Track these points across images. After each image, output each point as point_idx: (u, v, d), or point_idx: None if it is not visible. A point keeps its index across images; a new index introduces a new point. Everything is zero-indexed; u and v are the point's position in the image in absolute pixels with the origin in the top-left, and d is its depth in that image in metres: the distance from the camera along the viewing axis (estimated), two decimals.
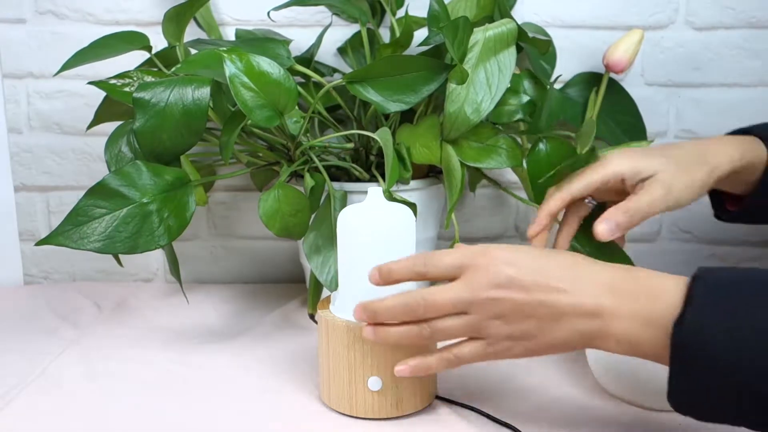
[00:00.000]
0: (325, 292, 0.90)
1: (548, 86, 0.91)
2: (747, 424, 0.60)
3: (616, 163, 0.78)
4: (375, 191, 0.71)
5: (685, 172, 0.76)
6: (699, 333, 0.58)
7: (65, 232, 0.78)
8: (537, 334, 0.63)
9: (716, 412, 0.60)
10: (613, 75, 1.02)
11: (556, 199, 0.80)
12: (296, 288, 1.09)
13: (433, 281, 0.68)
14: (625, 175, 0.77)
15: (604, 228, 0.74)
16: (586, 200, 0.82)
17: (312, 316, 0.93)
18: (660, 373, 0.71)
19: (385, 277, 0.67)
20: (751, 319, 0.57)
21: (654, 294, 0.61)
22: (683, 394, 0.61)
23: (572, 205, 0.82)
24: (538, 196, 0.89)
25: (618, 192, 0.79)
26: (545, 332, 0.63)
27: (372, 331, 0.67)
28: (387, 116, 0.94)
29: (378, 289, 0.70)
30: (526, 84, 0.89)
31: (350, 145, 0.93)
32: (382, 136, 0.84)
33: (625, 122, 1.04)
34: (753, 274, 0.60)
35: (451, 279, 0.65)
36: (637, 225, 0.76)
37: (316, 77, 0.91)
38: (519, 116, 0.89)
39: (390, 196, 0.84)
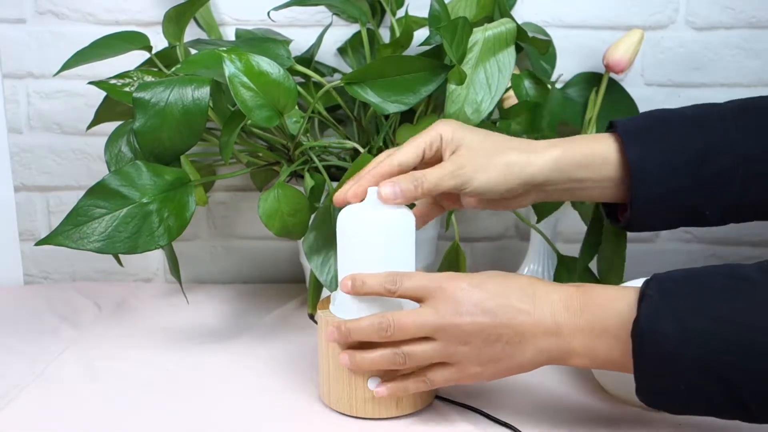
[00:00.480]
0: (325, 292, 0.90)
1: (549, 86, 0.91)
2: (715, 411, 0.62)
3: (440, 127, 0.73)
4: (375, 191, 0.71)
5: (487, 155, 0.72)
6: (654, 326, 0.60)
7: (65, 232, 0.78)
8: (504, 357, 0.66)
9: (686, 402, 0.62)
10: (613, 75, 1.02)
11: (382, 166, 0.71)
12: (296, 288, 1.09)
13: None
14: (443, 137, 0.72)
15: (387, 191, 0.69)
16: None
17: (312, 316, 0.93)
18: None
19: (357, 288, 0.69)
20: (704, 306, 0.59)
21: (606, 305, 0.64)
22: (649, 390, 0.63)
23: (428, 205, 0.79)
24: None
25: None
26: (512, 355, 0.66)
27: (347, 358, 0.69)
28: (387, 116, 0.94)
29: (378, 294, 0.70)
30: (527, 84, 0.89)
31: (350, 145, 0.93)
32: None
33: None
34: (704, 269, 0.63)
35: (418, 301, 0.68)
36: (427, 197, 0.72)
37: (316, 77, 0.91)
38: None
39: None
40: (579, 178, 0.74)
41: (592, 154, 0.74)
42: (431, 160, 0.73)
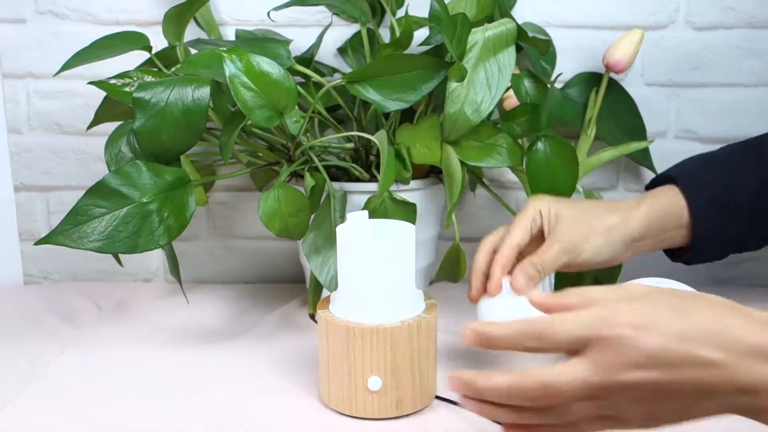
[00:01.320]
0: (325, 292, 0.90)
1: (549, 86, 0.91)
2: None
3: (536, 203, 0.79)
4: (507, 282, 0.75)
5: (587, 224, 0.77)
6: None
7: (65, 232, 0.78)
8: (682, 414, 0.52)
9: None
10: (613, 75, 1.02)
11: (505, 251, 0.76)
12: (296, 288, 1.09)
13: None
14: (542, 213, 0.78)
15: (521, 282, 0.74)
16: None
17: (312, 316, 0.93)
18: None
19: (484, 344, 0.55)
20: None
21: None
22: None
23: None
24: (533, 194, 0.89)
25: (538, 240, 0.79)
26: (691, 410, 0.52)
27: (477, 408, 0.56)
28: (387, 116, 0.94)
29: (377, 294, 0.70)
30: (527, 83, 0.89)
31: (350, 145, 0.93)
32: (379, 139, 0.84)
33: (625, 122, 1.04)
34: None
35: (572, 354, 0.53)
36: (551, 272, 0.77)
37: (316, 77, 0.91)
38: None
39: (389, 197, 0.84)
40: (664, 229, 0.80)
41: (669, 204, 0.81)
42: (535, 234, 0.78)
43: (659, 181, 0.86)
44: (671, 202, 0.81)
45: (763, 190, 0.82)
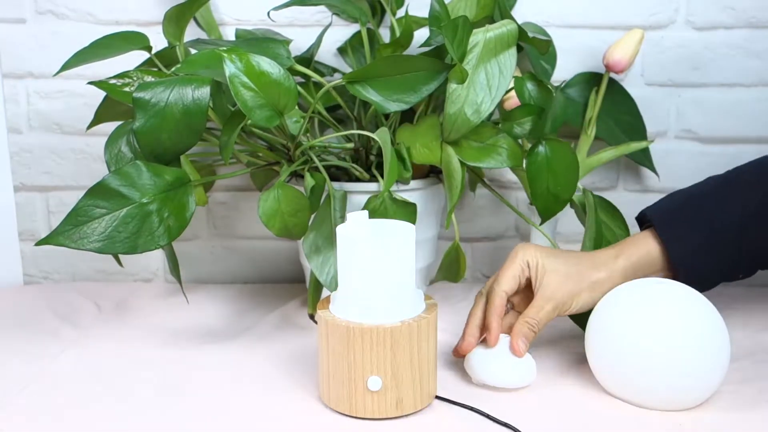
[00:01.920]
0: (325, 292, 0.90)
1: (553, 90, 0.91)
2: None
3: (524, 254, 0.82)
4: (505, 340, 0.79)
5: (574, 281, 0.81)
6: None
7: (65, 232, 0.78)
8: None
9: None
10: (613, 75, 1.02)
11: (496, 305, 0.80)
12: (296, 288, 1.09)
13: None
14: (530, 264, 0.81)
15: (522, 347, 0.77)
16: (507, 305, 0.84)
17: (312, 316, 0.93)
18: (659, 372, 0.71)
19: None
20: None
21: None
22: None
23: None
24: (536, 198, 0.89)
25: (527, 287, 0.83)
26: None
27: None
28: (387, 116, 0.94)
29: (377, 294, 0.70)
30: (530, 86, 0.89)
31: (350, 145, 0.93)
32: (381, 137, 0.84)
33: (625, 122, 1.04)
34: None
35: None
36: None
37: (316, 77, 0.91)
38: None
39: (389, 197, 0.84)
40: (644, 275, 0.82)
41: (646, 255, 0.82)
42: (522, 284, 0.82)
43: (640, 218, 0.87)
44: (648, 251, 0.82)
45: (747, 219, 0.81)
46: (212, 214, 1.12)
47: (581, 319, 0.85)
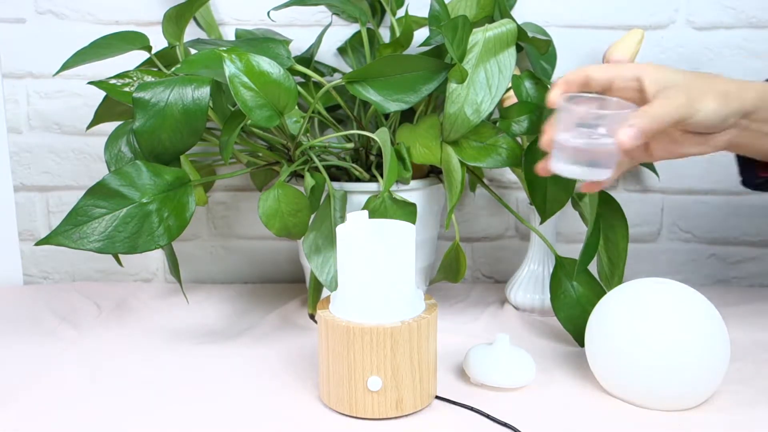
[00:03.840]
0: (325, 292, 0.90)
1: (550, 87, 0.91)
2: None
3: (641, 69, 0.74)
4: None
5: (702, 85, 0.72)
6: None
7: (65, 232, 0.78)
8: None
9: None
10: None
11: (576, 72, 0.74)
12: (296, 288, 1.09)
13: None
14: (646, 79, 0.73)
15: (629, 132, 0.69)
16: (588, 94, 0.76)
17: (312, 316, 0.93)
18: (659, 373, 0.71)
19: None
20: None
21: None
22: None
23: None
24: (535, 197, 0.89)
25: (630, 98, 0.75)
26: None
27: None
28: (387, 116, 0.94)
29: (377, 294, 0.70)
30: (528, 85, 0.89)
31: (350, 145, 0.93)
32: (380, 137, 0.84)
33: None
34: None
35: None
36: (661, 131, 0.72)
37: (316, 77, 0.91)
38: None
39: (389, 197, 0.84)
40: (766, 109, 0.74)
41: None
42: (619, 93, 0.73)
43: None
44: None
45: None
46: (212, 214, 1.12)
47: (579, 330, 0.85)
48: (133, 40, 0.91)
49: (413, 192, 0.91)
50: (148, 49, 0.92)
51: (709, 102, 0.71)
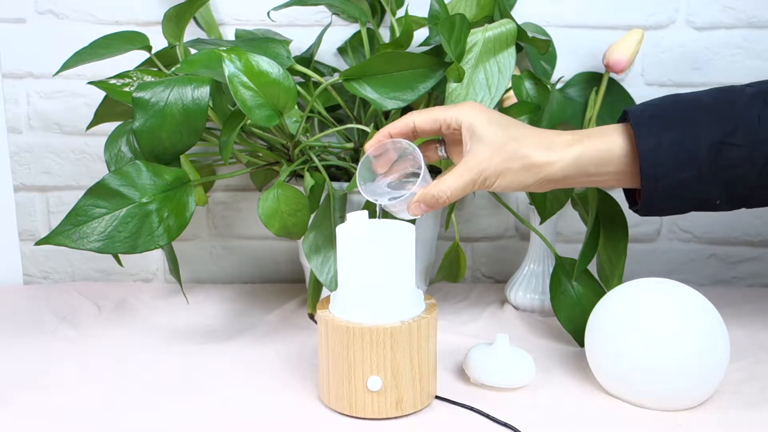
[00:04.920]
0: (325, 292, 0.90)
1: (550, 87, 0.91)
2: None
3: (464, 112, 0.74)
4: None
5: (506, 159, 0.73)
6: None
7: (65, 232, 0.78)
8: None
9: None
10: (613, 75, 1.02)
11: (399, 122, 0.75)
12: (296, 288, 1.09)
13: None
14: (464, 125, 0.74)
15: (419, 210, 0.74)
16: (438, 148, 0.79)
17: (312, 316, 0.93)
18: (659, 373, 0.71)
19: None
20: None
21: None
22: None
23: (422, 146, 0.79)
24: (534, 196, 0.89)
25: (458, 141, 0.77)
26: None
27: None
28: (387, 116, 0.94)
29: (377, 294, 0.70)
30: (527, 85, 0.89)
31: (350, 145, 0.93)
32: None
33: None
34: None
35: None
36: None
37: (315, 77, 0.91)
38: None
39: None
40: (597, 173, 0.75)
41: (608, 149, 0.74)
42: (448, 136, 0.76)
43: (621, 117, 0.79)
44: (613, 146, 0.74)
45: (736, 133, 0.72)
46: (212, 214, 1.12)
47: (579, 330, 0.85)
48: (133, 40, 0.91)
49: None
50: (148, 49, 0.92)
51: (508, 176, 0.73)
